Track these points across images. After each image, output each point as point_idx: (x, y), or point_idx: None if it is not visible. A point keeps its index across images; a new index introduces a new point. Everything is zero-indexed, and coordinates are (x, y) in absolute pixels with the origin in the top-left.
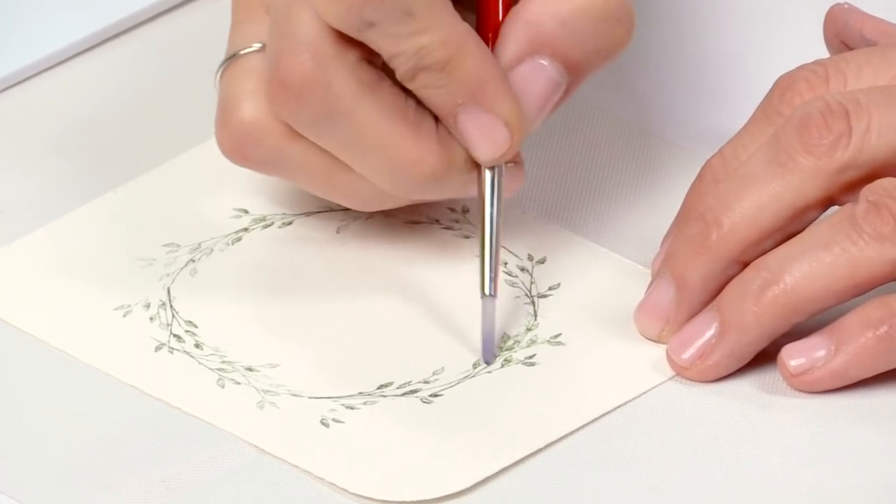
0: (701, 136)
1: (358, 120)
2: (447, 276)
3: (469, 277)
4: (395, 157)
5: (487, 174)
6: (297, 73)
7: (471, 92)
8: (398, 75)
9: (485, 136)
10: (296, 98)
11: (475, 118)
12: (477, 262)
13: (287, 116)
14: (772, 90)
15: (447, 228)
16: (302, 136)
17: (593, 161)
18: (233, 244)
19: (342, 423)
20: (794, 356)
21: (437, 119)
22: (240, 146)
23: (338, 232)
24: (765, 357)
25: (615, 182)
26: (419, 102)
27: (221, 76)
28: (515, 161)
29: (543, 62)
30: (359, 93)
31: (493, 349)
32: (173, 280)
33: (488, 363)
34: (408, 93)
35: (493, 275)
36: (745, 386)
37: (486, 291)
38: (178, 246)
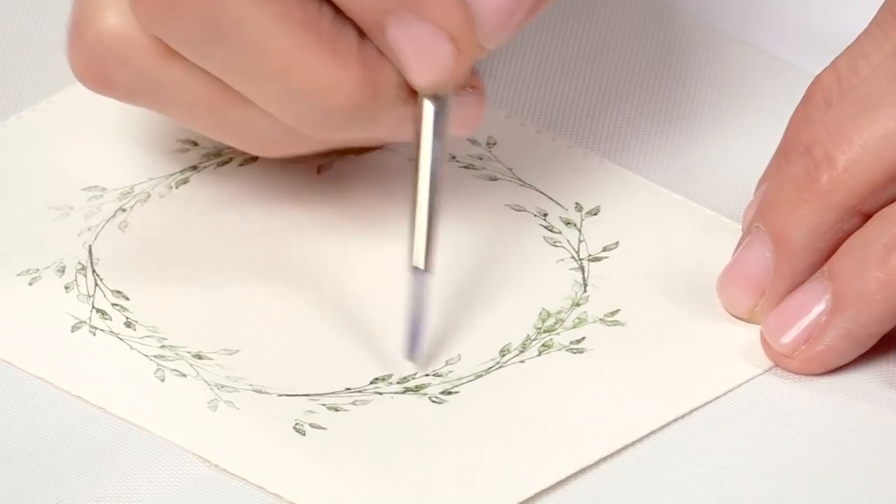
0: (806, 44)
1: (251, 34)
2: (465, 232)
3: (494, 233)
4: (302, 83)
5: (427, 106)
6: None
7: None
8: None
9: (421, 54)
10: (167, 5)
11: (408, 30)
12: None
13: (157, 30)
14: None
15: (467, 167)
16: (181, 56)
17: (656, 73)
18: (177, 187)
19: (323, 429)
20: None
21: (361, 33)
22: (98, 67)
23: (319, 172)
24: (892, 342)
25: (688, 103)
26: (338, 11)
27: None
28: (472, 87)
29: None
30: None
31: (420, 346)
32: (96, 236)
33: (412, 361)
34: None
35: (428, 241)
36: (867, 380)
37: (416, 263)
38: (104, 190)
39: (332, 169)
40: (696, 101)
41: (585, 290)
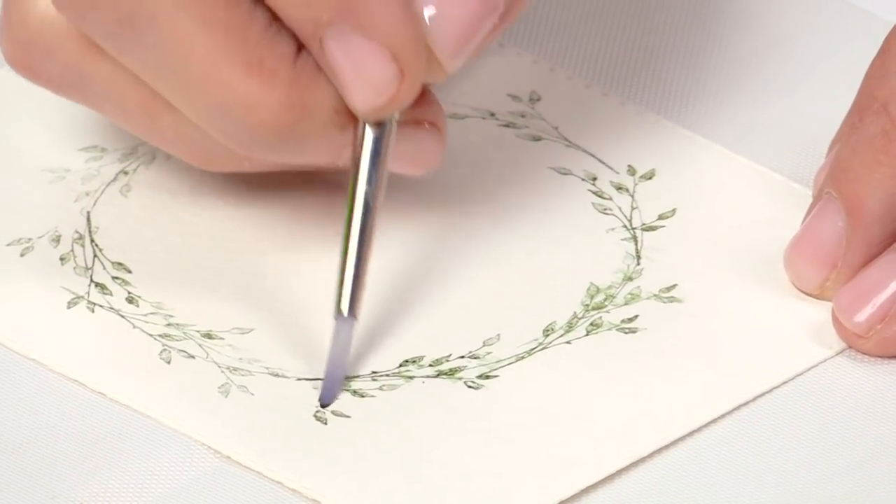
0: None
1: (167, 33)
2: (505, 198)
3: (536, 199)
4: (222, 94)
5: (369, 134)
6: None
7: (341, 3)
8: None
9: (359, 73)
10: None
11: (347, 45)
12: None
13: (76, 20)
14: None
15: (507, 126)
16: (108, 53)
17: (716, 24)
18: None
19: (346, 417)
20: None
21: (301, 45)
22: (26, 55)
23: None
24: None
25: (751, 56)
26: (276, 18)
27: None
28: (430, 123)
29: None
30: None
31: (334, 389)
32: (95, 202)
33: (323, 405)
34: (262, 1)
35: (355, 287)
36: None
37: (342, 309)
38: (104, 151)
39: None
40: (760, 54)
41: (639, 263)
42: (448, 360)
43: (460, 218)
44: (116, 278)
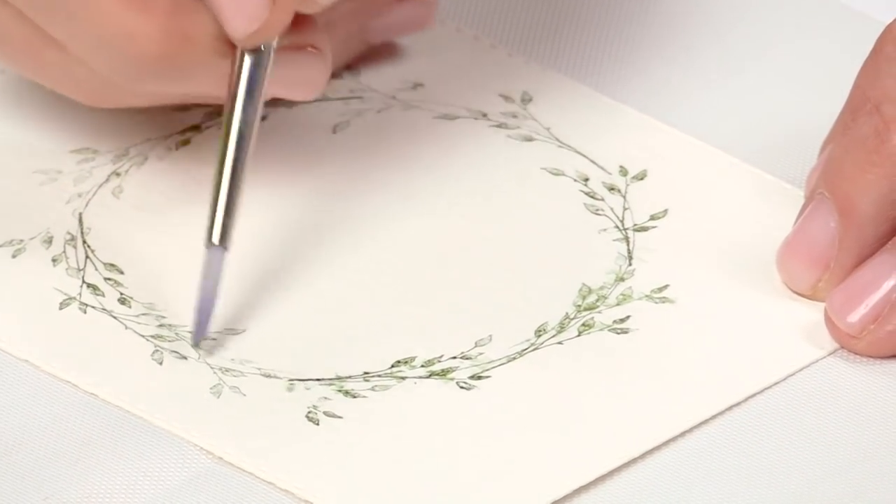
0: None
1: None
2: (497, 198)
3: (529, 200)
4: (103, 25)
5: (246, 61)
6: None
7: None
8: None
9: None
10: None
11: None
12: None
13: None
14: None
15: (499, 126)
16: None
17: (709, 24)
18: (176, 149)
19: (339, 418)
20: None
21: None
22: None
23: (334, 132)
24: None
25: (744, 56)
26: None
27: None
28: (313, 47)
29: None
30: None
31: (203, 326)
32: (87, 203)
33: (194, 345)
34: None
35: (227, 216)
36: None
37: (213, 239)
38: (96, 152)
39: (350, 128)
40: (752, 55)
41: (630, 264)
42: (440, 361)
43: (451, 218)
44: (108, 279)
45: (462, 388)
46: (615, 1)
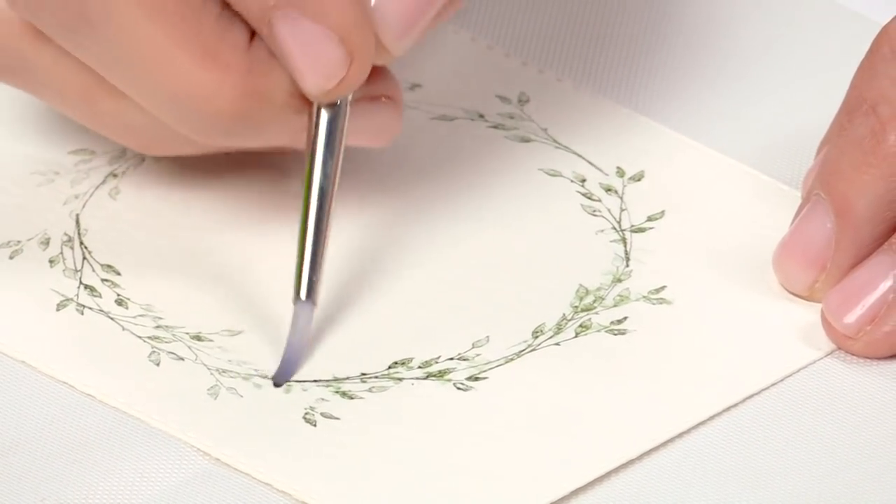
0: None
1: (121, 27)
2: (494, 200)
3: (526, 201)
4: (178, 86)
5: (323, 116)
6: None
7: None
8: None
9: (309, 57)
10: None
11: (296, 29)
12: None
13: (28, 15)
14: None
15: (496, 127)
16: (51, 39)
17: (706, 26)
18: None
19: (335, 419)
20: None
21: (254, 32)
22: None
23: None
24: None
25: (741, 58)
26: (227, 5)
27: None
28: (387, 97)
29: None
30: None
31: (289, 372)
32: (84, 204)
33: (277, 385)
34: None
35: (313, 271)
36: None
37: (301, 295)
38: (93, 153)
39: None
40: (749, 56)
41: (628, 265)
42: (437, 362)
43: (448, 220)
44: (105, 280)
45: (459, 389)
46: (613, 3)
